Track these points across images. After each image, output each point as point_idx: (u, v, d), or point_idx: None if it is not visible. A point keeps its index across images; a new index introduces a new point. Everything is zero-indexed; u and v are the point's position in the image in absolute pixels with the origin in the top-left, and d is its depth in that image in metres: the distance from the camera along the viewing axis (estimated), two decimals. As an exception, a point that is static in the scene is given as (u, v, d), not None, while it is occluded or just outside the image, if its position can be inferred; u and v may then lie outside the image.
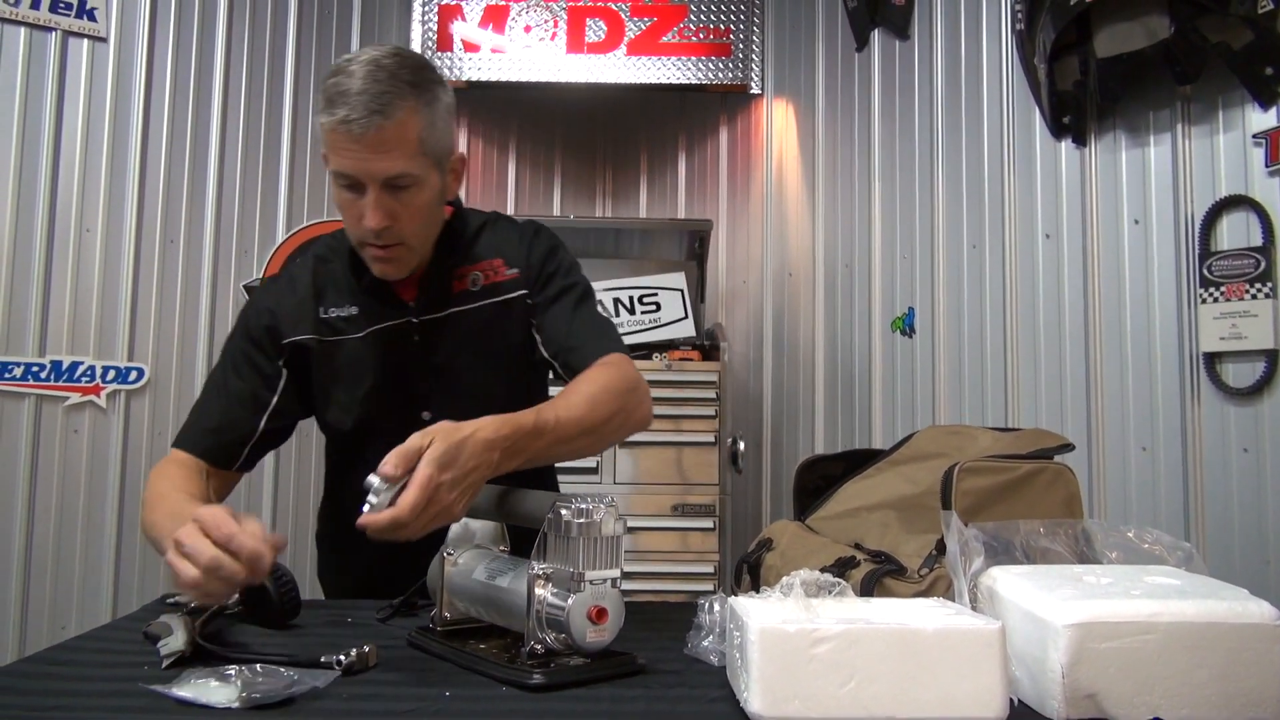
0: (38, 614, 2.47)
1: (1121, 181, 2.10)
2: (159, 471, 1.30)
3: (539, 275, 1.39)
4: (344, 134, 1.19)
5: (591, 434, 1.18)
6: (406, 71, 1.21)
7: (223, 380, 1.37)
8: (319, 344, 1.36)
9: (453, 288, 1.38)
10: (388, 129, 1.19)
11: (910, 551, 1.06)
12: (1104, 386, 2.12)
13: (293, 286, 1.40)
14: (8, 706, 0.80)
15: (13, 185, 2.47)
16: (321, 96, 1.21)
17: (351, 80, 1.18)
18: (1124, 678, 0.78)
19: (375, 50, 1.23)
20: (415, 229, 1.28)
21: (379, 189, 1.22)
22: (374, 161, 1.20)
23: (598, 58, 3.17)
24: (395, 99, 1.19)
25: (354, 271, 1.36)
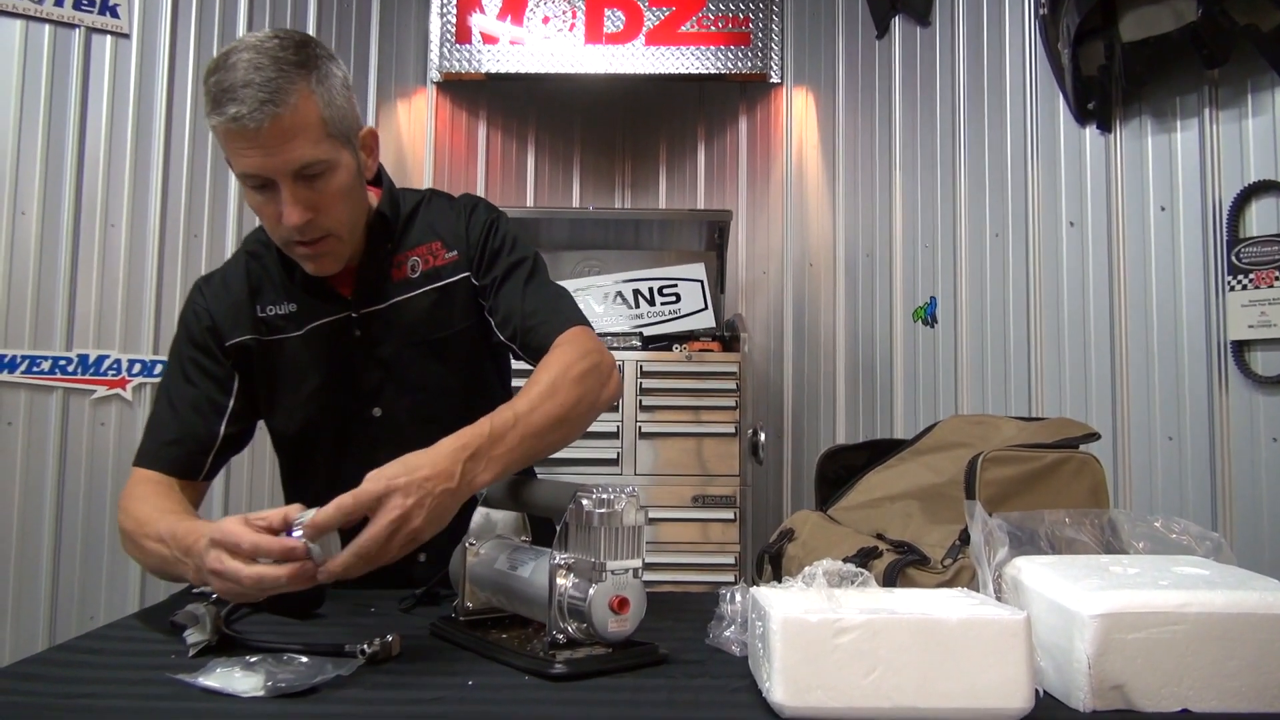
0: (67, 603, 2.50)
1: (1148, 168, 2.07)
2: (130, 495, 1.24)
3: (482, 254, 1.32)
4: (238, 132, 1.09)
5: (562, 424, 1.12)
6: (290, 52, 1.11)
7: (174, 390, 1.31)
8: (258, 344, 1.30)
9: (391, 276, 1.31)
10: (284, 118, 1.09)
11: (933, 542, 1.05)
12: (1129, 376, 2.09)
13: (227, 286, 1.33)
14: (40, 694, 0.81)
15: (39, 181, 2.50)
16: (206, 97, 1.10)
17: (234, 73, 1.08)
18: (1151, 669, 0.77)
19: (252, 37, 1.13)
20: (339, 216, 1.19)
21: (291, 183, 1.13)
22: (278, 155, 1.11)
23: (616, 48, 3.16)
24: (284, 84, 1.09)
25: (286, 268, 1.29)
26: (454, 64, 3.17)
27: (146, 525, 1.15)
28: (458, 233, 1.33)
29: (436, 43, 3.18)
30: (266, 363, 1.31)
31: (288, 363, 1.31)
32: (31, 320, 2.48)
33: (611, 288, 3.06)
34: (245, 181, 1.15)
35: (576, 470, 2.57)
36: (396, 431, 1.27)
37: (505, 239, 1.33)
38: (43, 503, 2.48)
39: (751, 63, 3.19)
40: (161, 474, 1.26)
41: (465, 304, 1.32)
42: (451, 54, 3.18)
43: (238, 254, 1.37)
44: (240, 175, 1.14)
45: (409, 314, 1.31)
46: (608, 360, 1.21)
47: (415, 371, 1.30)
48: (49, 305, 2.51)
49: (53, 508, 2.49)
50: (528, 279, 1.30)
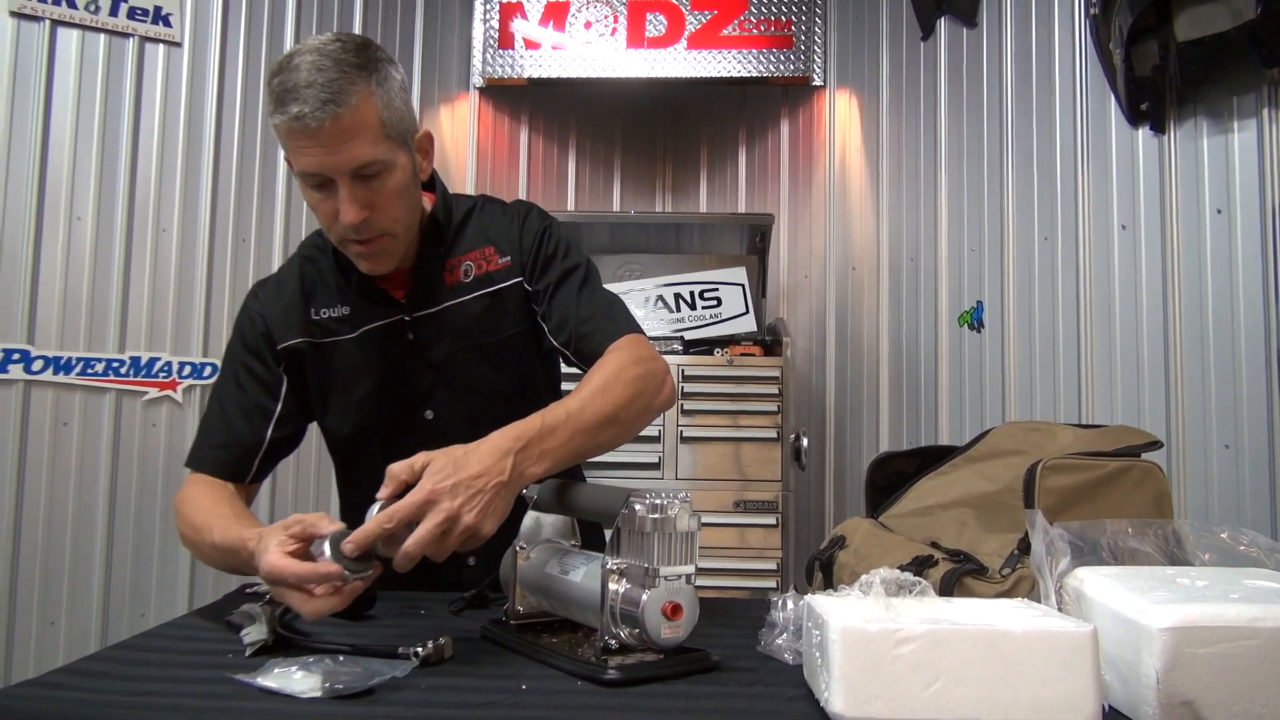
0: (119, 601, 2.55)
1: (1203, 169, 2.03)
2: (183, 499, 1.27)
3: (535, 260, 1.33)
4: (300, 131, 1.12)
5: (613, 423, 1.13)
6: (352, 54, 1.14)
7: (225, 394, 1.33)
8: (311, 346, 1.32)
9: (444, 280, 1.32)
10: (345, 118, 1.12)
11: (990, 551, 1.03)
12: (1184, 383, 2.05)
13: (281, 290, 1.35)
14: (101, 691, 0.82)
15: (94, 188, 2.56)
16: (270, 97, 1.14)
17: (297, 74, 1.11)
18: (1223, 685, 0.75)
19: (315, 40, 1.16)
20: (395, 216, 1.21)
21: (349, 182, 1.15)
22: (338, 154, 1.13)
23: (658, 52, 3.17)
24: (346, 85, 1.12)
25: (341, 270, 1.31)
26: (497, 69, 3.20)
27: (201, 532, 1.19)
28: (510, 238, 1.35)
29: (479, 48, 3.21)
30: (319, 365, 1.33)
31: (341, 365, 1.32)
32: (86, 323, 2.53)
33: (652, 291, 3.06)
34: (304, 180, 1.17)
35: (617, 474, 2.57)
36: (448, 434, 1.27)
37: (559, 245, 1.34)
38: (96, 502, 2.53)
39: (794, 66, 3.18)
40: (211, 476, 1.30)
41: (518, 308, 1.33)
42: (494, 59, 3.20)
43: (292, 259, 1.40)
44: (300, 174, 1.17)
45: (462, 318, 1.32)
46: (661, 366, 1.23)
47: (467, 375, 1.31)
48: (103, 308, 2.56)
49: (106, 507, 2.54)
50: (581, 285, 1.31)
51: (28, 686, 0.83)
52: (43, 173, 2.49)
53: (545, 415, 1.07)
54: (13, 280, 2.45)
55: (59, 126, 2.52)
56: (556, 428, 1.06)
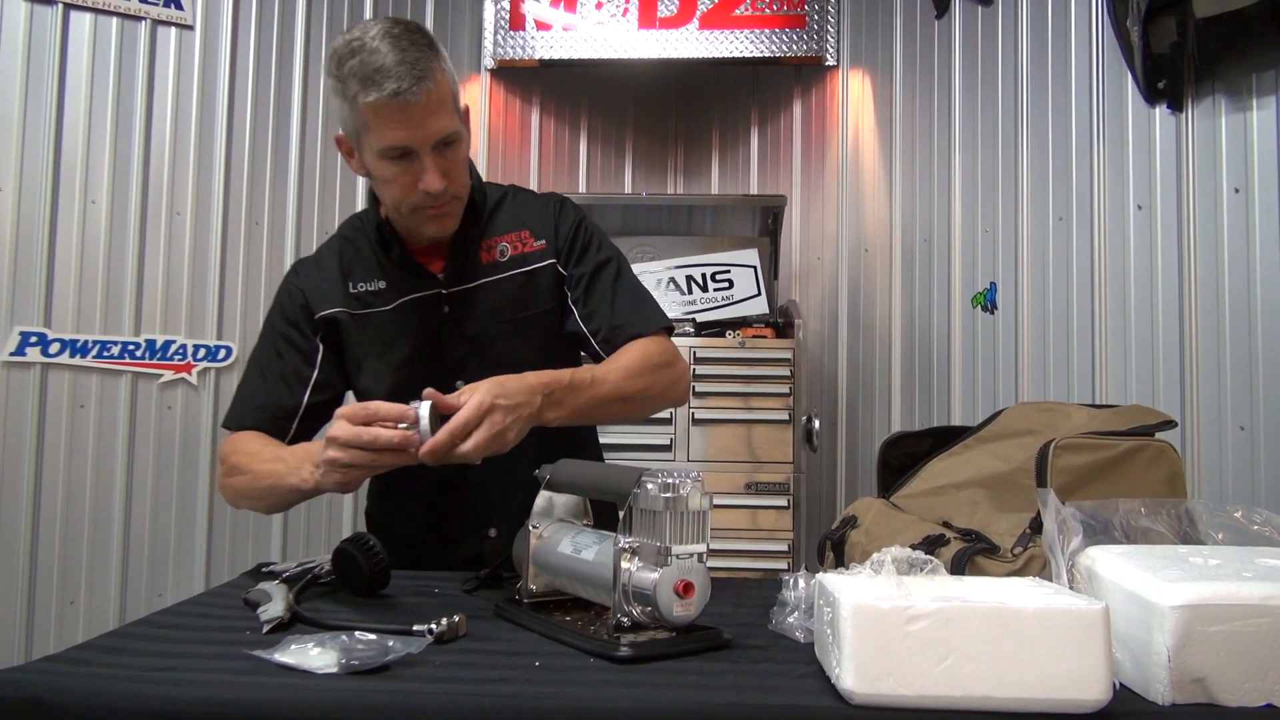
0: (136, 580, 2.58)
1: (1221, 148, 2.00)
2: (233, 445, 1.34)
3: (570, 247, 1.42)
4: (397, 107, 1.20)
5: (627, 401, 1.27)
6: (418, 35, 1.24)
7: (264, 362, 1.41)
8: (349, 317, 1.39)
9: (480, 259, 1.40)
10: (433, 92, 1.21)
11: (1002, 530, 1.03)
12: (1199, 363, 2.03)
13: (320, 265, 1.44)
14: (122, 666, 0.84)
15: (108, 172, 2.57)
16: (351, 79, 1.20)
17: (380, 56, 1.19)
18: (1235, 662, 0.75)
19: (374, 26, 1.23)
20: (463, 181, 1.33)
21: (431, 152, 1.25)
22: (427, 125, 1.23)
23: (670, 32, 3.14)
24: (427, 63, 1.21)
25: (382, 247, 1.39)
26: (508, 51, 3.19)
27: (262, 454, 1.29)
28: (546, 224, 1.43)
29: (491, 30, 3.20)
30: (356, 334, 1.39)
31: (377, 334, 1.38)
32: (102, 306, 2.55)
33: (664, 273, 3.06)
34: (386, 154, 1.24)
35: (629, 455, 2.57)
36: None
37: (593, 236, 1.44)
38: (113, 483, 2.55)
39: (807, 46, 3.15)
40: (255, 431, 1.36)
41: (550, 289, 1.41)
42: (505, 41, 3.19)
43: (331, 239, 1.47)
44: (383, 149, 1.24)
45: (496, 294, 1.39)
46: (681, 368, 1.37)
47: (499, 348, 1.37)
48: (118, 292, 2.58)
49: (123, 488, 2.56)
50: (616, 278, 1.40)
51: (50, 661, 0.85)
52: (57, 156, 2.51)
53: (575, 373, 1.22)
54: (29, 264, 2.47)
55: (73, 110, 2.52)
56: (580, 387, 1.21)
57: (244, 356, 2.72)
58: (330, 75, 1.24)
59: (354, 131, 1.27)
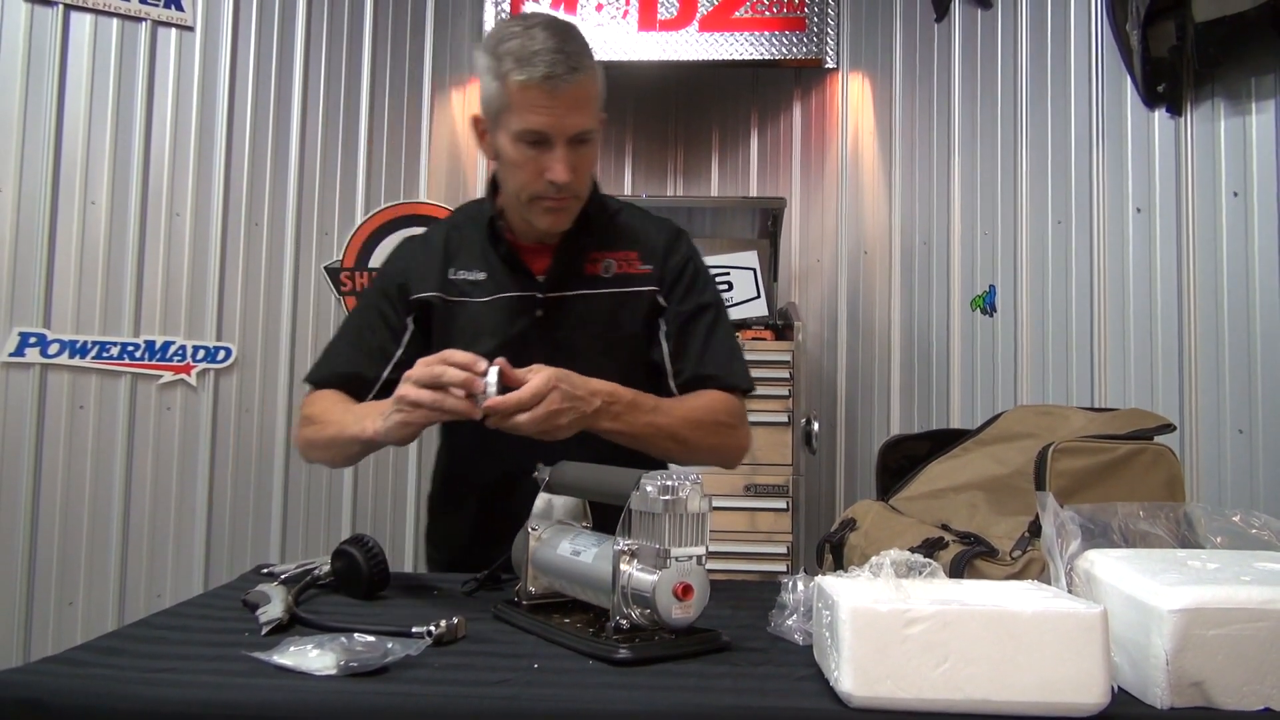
0: (135, 581, 2.58)
1: (1220, 152, 2.01)
2: (312, 400, 1.40)
3: (675, 281, 1.42)
4: (544, 90, 1.22)
5: (679, 444, 1.30)
6: (578, 35, 1.27)
7: (354, 328, 1.45)
8: (443, 302, 1.40)
9: (584, 269, 1.40)
10: (583, 86, 1.24)
11: (1000, 533, 1.03)
12: (1198, 366, 2.03)
13: (426, 246, 1.45)
14: (120, 667, 0.84)
15: (108, 173, 2.57)
16: (507, 57, 1.23)
17: (537, 41, 1.22)
18: (1233, 666, 0.75)
19: (535, 16, 1.27)
20: (585, 182, 1.34)
21: (566, 144, 1.26)
22: (569, 116, 1.24)
23: (670, 35, 3.15)
24: (583, 58, 1.24)
25: (490, 239, 1.40)
26: (508, 53, 3.18)
27: (333, 409, 1.34)
28: (656, 250, 1.43)
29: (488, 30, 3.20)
30: (447, 319, 1.40)
31: (468, 324, 1.39)
32: (101, 307, 2.55)
33: (664, 276, 3.05)
34: (523, 137, 1.26)
35: (629, 458, 2.57)
36: None
37: (700, 275, 1.44)
38: (112, 484, 2.55)
39: (807, 48, 3.15)
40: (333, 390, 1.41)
41: (645, 315, 1.41)
42: (505, 43, 3.18)
43: (441, 223, 1.50)
44: (522, 130, 1.26)
45: (591, 308, 1.39)
46: (744, 433, 1.39)
47: (584, 361, 1.33)
48: (118, 293, 2.58)
49: (122, 489, 2.56)
50: (713, 325, 1.41)
51: (49, 663, 0.85)
52: (57, 157, 2.51)
53: (639, 394, 1.25)
54: (29, 265, 2.47)
55: (73, 111, 2.53)
56: (640, 409, 1.25)
57: (243, 357, 2.73)
58: (485, 52, 1.27)
59: (495, 111, 1.28)
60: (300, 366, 2.85)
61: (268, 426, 2.78)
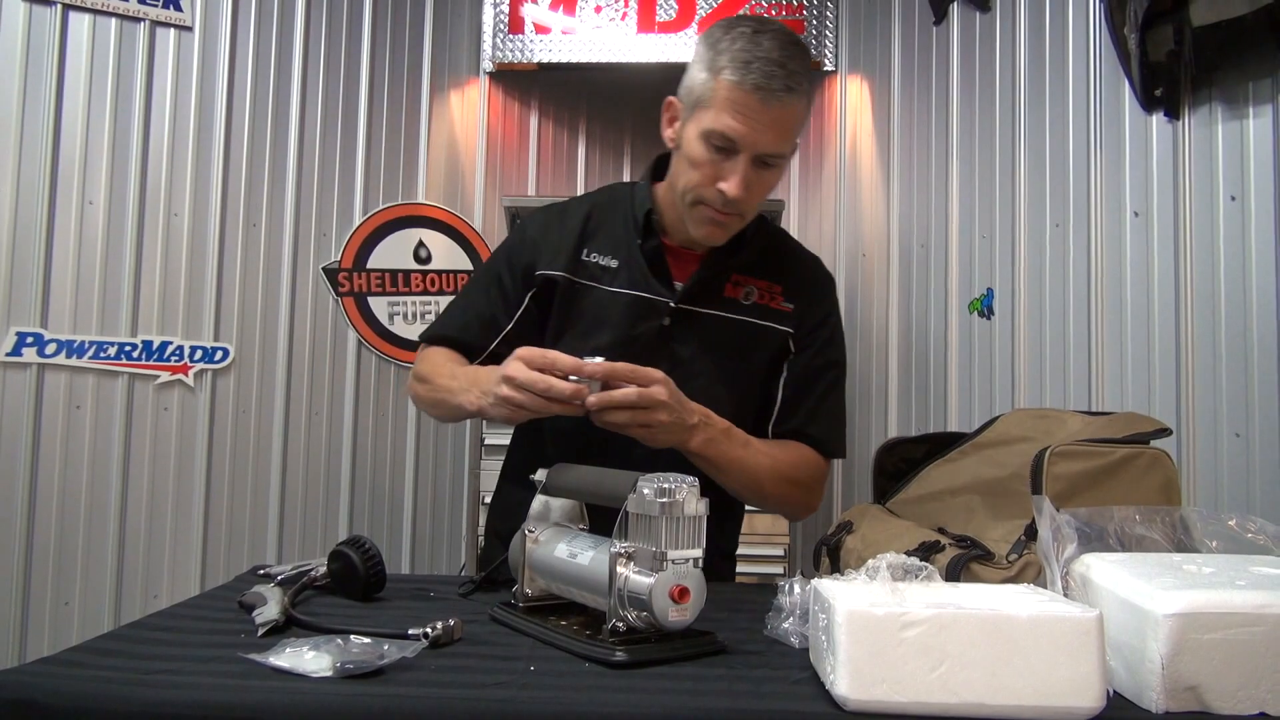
0: (131, 582, 2.58)
1: (1217, 156, 2.01)
2: (426, 356, 1.39)
3: (813, 331, 1.38)
4: (752, 99, 1.17)
5: (755, 488, 1.28)
6: (803, 53, 1.22)
7: (473, 294, 1.43)
8: (568, 282, 1.35)
9: (724, 289, 1.34)
10: (790, 108, 1.19)
11: (996, 537, 1.03)
12: (1195, 370, 2.04)
13: (563, 220, 1.40)
14: (116, 669, 0.83)
15: (106, 173, 2.57)
16: (726, 53, 1.18)
17: (761, 49, 1.17)
18: (1228, 670, 0.75)
19: (771, 23, 1.22)
20: (754, 204, 1.28)
21: (750, 160, 1.21)
22: (765, 133, 1.19)
23: (669, 37, 3.15)
24: (803, 80, 1.19)
25: (638, 230, 1.34)
26: (506, 54, 3.19)
27: (442, 369, 1.33)
28: (803, 293, 1.39)
29: (489, 33, 3.20)
30: (570, 300, 1.35)
31: (590, 308, 1.35)
32: (98, 307, 2.55)
33: (662, 278, 3.05)
34: (711, 137, 1.21)
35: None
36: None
37: (837, 332, 1.42)
38: (109, 484, 2.55)
39: (805, 51, 3.15)
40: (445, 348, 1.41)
41: (772, 353, 1.37)
42: (504, 44, 3.19)
43: (585, 198, 1.45)
44: (712, 131, 1.20)
45: (721, 331, 1.34)
46: (818, 495, 1.37)
47: (700, 383, 1.29)
48: (115, 292, 2.58)
49: (119, 489, 2.56)
50: (831, 387, 1.38)
51: (45, 664, 0.84)
52: (55, 157, 2.51)
53: (735, 430, 1.24)
54: (26, 264, 2.47)
55: (71, 111, 2.52)
56: (733, 441, 1.23)
57: (240, 358, 2.73)
58: (706, 43, 1.22)
59: (694, 100, 1.23)
60: (298, 367, 2.85)
61: (265, 427, 2.78)
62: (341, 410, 2.93)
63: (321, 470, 2.88)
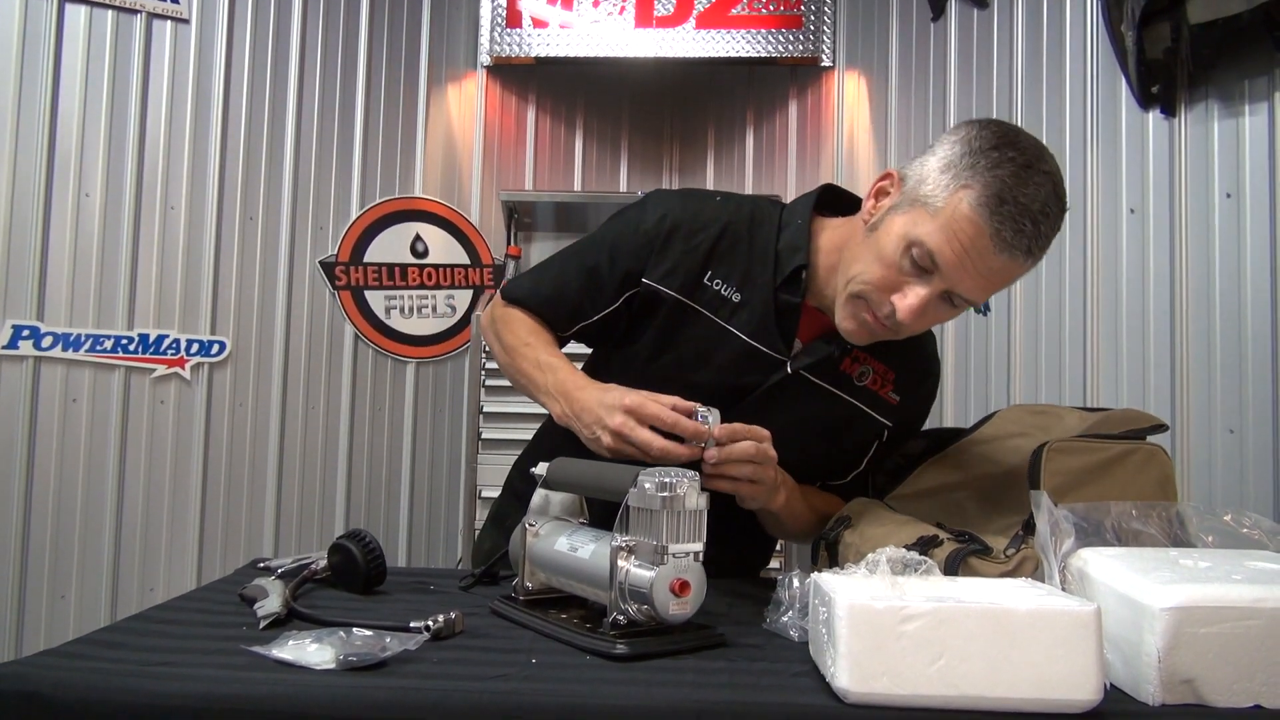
0: (128, 576, 2.58)
1: (1213, 153, 2.02)
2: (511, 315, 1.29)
3: (910, 426, 1.32)
4: (985, 245, 1.02)
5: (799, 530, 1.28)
6: (1063, 212, 1.06)
7: (571, 269, 1.29)
8: (678, 305, 1.22)
9: (841, 363, 1.23)
10: (1016, 270, 1.05)
11: (994, 531, 1.04)
12: (1190, 367, 2.05)
13: (691, 229, 1.23)
14: (118, 661, 0.84)
15: (102, 165, 2.56)
16: (985, 173, 1.02)
17: (1033, 199, 1.01)
18: (1224, 664, 0.76)
19: (1044, 160, 1.05)
20: (920, 330, 1.15)
21: (940, 292, 1.07)
22: (976, 281, 1.05)
23: (666, 31, 3.15)
24: (1045, 245, 1.04)
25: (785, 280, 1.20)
26: (504, 48, 3.19)
27: (532, 345, 1.23)
28: (911, 388, 1.30)
29: (487, 27, 3.20)
30: (676, 321, 1.23)
31: (696, 338, 1.22)
32: (95, 300, 2.55)
33: (659, 273, 3.05)
34: (914, 250, 1.06)
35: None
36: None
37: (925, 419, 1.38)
38: (105, 477, 2.55)
39: (803, 46, 3.16)
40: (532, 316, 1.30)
41: (863, 439, 1.30)
42: (502, 38, 3.19)
43: (724, 205, 1.26)
44: (922, 245, 1.05)
45: (826, 409, 1.25)
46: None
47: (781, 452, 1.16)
48: (111, 285, 2.57)
49: (115, 482, 2.56)
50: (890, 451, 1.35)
51: (48, 656, 0.85)
52: (51, 149, 2.50)
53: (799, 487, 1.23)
54: (22, 257, 2.46)
55: (67, 103, 2.52)
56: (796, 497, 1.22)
57: (237, 351, 2.73)
58: (966, 141, 1.06)
59: (921, 197, 1.06)
60: (295, 361, 2.85)
61: (262, 421, 2.78)
62: (338, 404, 2.93)
63: (318, 464, 2.88)
